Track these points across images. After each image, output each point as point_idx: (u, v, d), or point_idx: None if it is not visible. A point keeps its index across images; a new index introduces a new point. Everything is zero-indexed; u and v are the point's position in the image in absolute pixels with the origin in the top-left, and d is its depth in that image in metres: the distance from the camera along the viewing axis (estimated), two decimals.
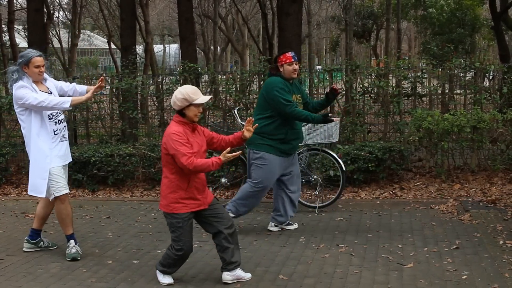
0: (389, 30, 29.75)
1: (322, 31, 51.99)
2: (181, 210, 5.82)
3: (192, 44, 15.22)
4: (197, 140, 5.89)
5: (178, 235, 5.84)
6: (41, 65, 6.87)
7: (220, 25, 35.23)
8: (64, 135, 7.04)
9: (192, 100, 5.76)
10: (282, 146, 7.45)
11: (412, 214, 8.31)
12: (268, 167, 7.45)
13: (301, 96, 7.64)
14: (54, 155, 6.88)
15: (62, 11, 41.46)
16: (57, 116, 6.94)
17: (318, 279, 5.94)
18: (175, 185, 5.81)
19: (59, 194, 6.90)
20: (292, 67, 7.41)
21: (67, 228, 7.03)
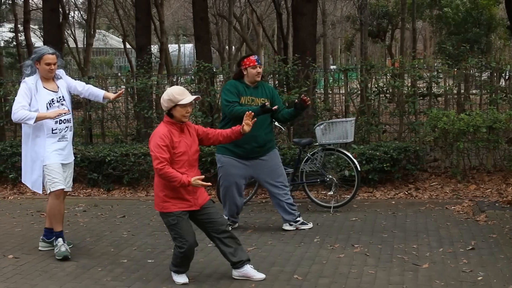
0: (404, 29, 29.65)
1: (337, 30, 51.85)
2: (170, 209, 5.86)
3: (207, 44, 15.23)
4: (186, 140, 5.91)
5: (176, 233, 5.86)
6: (52, 63, 6.91)
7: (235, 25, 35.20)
8: (65, 135, 7.03)
9: (177, 100, 5.79)
10: (235, 149, 7.53)
11: (427, 215, 8.28)
12: (223, 169, 7.71)
13: (269, 100, 7.58)
14: (50, 151, 6.90)
15: (77, 11, 41.64)
16: (60, 116, 6.93)
17: (333, 279, 5.93)
18: (163, 184, 5.85)
19: (54, 189, 6.92)
20: (256, 70, 7.50)
21: (57, 225, 7.05)
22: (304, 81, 10.73)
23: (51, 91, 6.97)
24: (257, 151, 7.59)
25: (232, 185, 7.69)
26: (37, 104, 6.84)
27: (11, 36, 36.05)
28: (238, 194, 7.75)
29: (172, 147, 5.79)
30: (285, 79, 11.03)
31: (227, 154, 7.60)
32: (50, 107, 6.89)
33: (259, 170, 7.69)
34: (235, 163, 7.60)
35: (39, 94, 6.87)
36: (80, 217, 9.00)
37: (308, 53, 12.01)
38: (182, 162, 5.84)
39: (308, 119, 10.64)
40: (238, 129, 6.20)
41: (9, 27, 37.71)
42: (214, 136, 6.22)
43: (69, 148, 7.14)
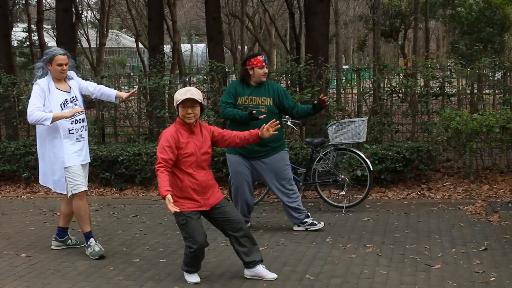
0: (417, 29, 29.58)
1: (349, 30, 51.82)
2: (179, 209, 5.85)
3: (219, 44, 15.26)
4: (195, 141, 5.92)
5: (186, 232, 5.87)
6: (63, 64, 6.94)
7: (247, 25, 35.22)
8: (81, 135, 7.06)
9: (177, 100, 5.83)
10: (239, 149, 7.53)
11: (440, 215, 8.25)
12: (232, 168, 7.73)
13: (271, 99, 7.55)
14: (70, 153, 6.93)
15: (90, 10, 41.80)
16: (75, 116, 6.95)
17: (345, 279, 5.93)
18: (172, 183, 5.87)
19: (77, 192, 6.95)
20: (263, 71, 7.49)
21: (86, 225, 7.09)
22: (317, 81, 10.71)
23: (64, 92, 6.99)
24: (258, 151, 7.53)
25: (241, 184, 7.68)
26: (51, 105, 6.86)
27: (24, 36, 36.30)
28: (248, 192, 7.75)
29: (178, 147, 5.82)
30: (297, 78, 11.02)
31: (234, 153, 7.62)
32: (64, 108, 6.91)
33: (263, 172, 7.67)
34: (242, 162, 7.60)
35: (52, 95, 6.90)
36: (93, 216, 9.00)
37: (320, 52, 12.01)
38: (190, 163, 5.86)
39: (321, 119, 10.62)
40: (257, 132, 6.19)
41: (22, 27, 37.95)
42: (230, 138, 6.20)
43: (86, 149, 7.17)
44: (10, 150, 11.21)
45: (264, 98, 7.53)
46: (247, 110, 7.38)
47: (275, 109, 7.54)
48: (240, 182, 7.68)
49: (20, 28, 38.28)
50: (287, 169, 7.75)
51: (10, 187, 11.45)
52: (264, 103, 7.49)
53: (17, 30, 36.23)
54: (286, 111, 7.69)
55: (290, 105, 7.64)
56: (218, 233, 7.62)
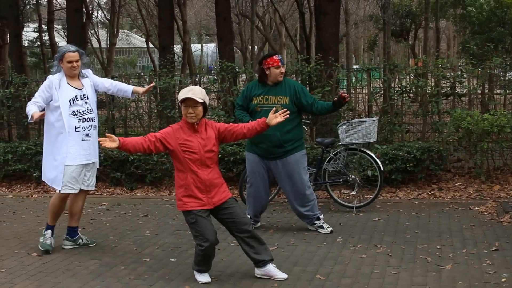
0: (427, 29, 29.47)
1: (359, 30, 51.66)
2: (183, 208, 5.91)
3: (229, 44, 15.25)
4: (199, 139, 5.93)
5: (196, 231, 5.88)
6: (73, 61, 6.99)
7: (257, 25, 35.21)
8: (88, 134, 7.07)
9: (179, 99, 5.87)
10: (255, 148, 7.56)
11: (450, 215, 8.23)
12: (249, 166, 7.74)
13: (288, 98, 7.46)
14: (73, 152, 6.98)
15: (100, 10, 41.87)
16: (84, 114, 7.00)
17: (355, 280, 5.92)
18: (177, 182, 5.96)
19: (63, 192, 7.07)
20: (279, 70, 7.43)
21: (52, 219, 7.28)
22: (327, 80, 10.71)
23: (75, 88, 7.03)
24: (273, 151, 7.47)
25: (256, 183, 7.68)
26: (59, 100, 6.91)
27: (35, 36, 36.42)
28: (264, 192, 7.74)
29: (180, 144, 5.87)
30: (308, 78, 11.01)
31: (251, 151, 7.63)
32: (73, 103, 6.94)
33: (278, 173, 7.61)
34: (259, 162, 7.59)
35: (61, 90, 6.95)
36: (103, 215, 9.05)
37: (331, 52, 11.99)
38: (193, 160, 5.87)
39: (331, 118, 10.61)
40: (264, 120, 6.17)
41: (33, 27, 38.05)
42: (237, 130, 6.16)
43: (93, 148, 7.17)
44: (21, 149, 11.26)
45: (280, 97, 7.46)
46: (262, 110, 7.38)
47: (292, 107, 7.37)
48: (256, 181, 7.68)
49: (31, 28, 38.39)
50: (300, 172, 7.60)
51: (21, 186, 11.50)
52: (280, 102, 7.41)
53: (28, 30, 36.34)
54: (305, 108, 7.55)
55: (309, 102, 7.51)
56: (229, 233, 7.63)
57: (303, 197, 7.63)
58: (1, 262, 6.85)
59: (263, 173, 7.64)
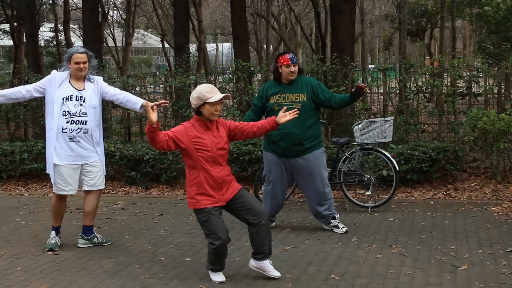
0: (443, 28, 29.41)
1: (375, 29, 51.63)
2: (196, 206, 5.91)
3: (245, 43, 15.28)
4: (211, 137, 5.94)
5: (208, 229, 5.88)
6: (81, 62, 7.03)
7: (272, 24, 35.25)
8: (76, 137, 7.03)
9: (206, 98, 5.82)
10: (273, 146, 7.54)
11: (466, 216, 8.19)
12: (266, 165, 7.72)
13: (305, 95, 7.44)
14: (60, 151, 7.04)
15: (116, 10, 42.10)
16: (74, 116, 7.00)
17: (370, 280, 5.90)
18: (189, 180, 5.95)
19: (58, 193, 7.18)
20: (289, 69, 7.38)
21: (55, 221, 7.39)
22: (342, 80, 10.69)
23: (74, 88, 7.06)
24: (292, 149, 7.44)
25: (274, 182, 7.66)
26: (55, 96, 6.97)
27: (51, 36, 36.63)
28: (281, 191, 7.72)
29: (193, 142, 5.85)
30: (323, 78, 10.99)
31: (269, 150, 7.61)
32: (66, 101, 6.98)
33: (296, 171, 7.59)
34: (277, 160, 7.56)
35: (61, 87, 7.01)
36: (119, 214, 9.08)
37: (346, 52, 11.97)
38: (206, 158, 5.87)
39: (346, 118, 10.59)
40: (273, 118, 6.17)
41: (49, 26, 38.30)
42: (248, 129, 6.17)
43: (86, 149, 7.13)
44: (37, 148, 11.31)
45: (298, 94, 7.44)
46: (279, 108, 7.36)
47: (310, 104, 7.39)
48: (274, 180, 7.66)
49: (47, 27, 38.62)
50: (322, 170, 7.59)
51: (37, 185, 11.56)
52: (297, 100, 7.39)
53: (44, 30, 36.54)
54: (324, 103, 7.52)
55: (327, 96, 7.48)
56: (243, 232, 7.63)
57: (322, 196, 7.62)
58: (17, 261, 6.89)
59: (281, 172, 7.61)
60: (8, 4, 28.59)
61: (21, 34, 28.24)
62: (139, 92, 12.10)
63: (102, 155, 7.35)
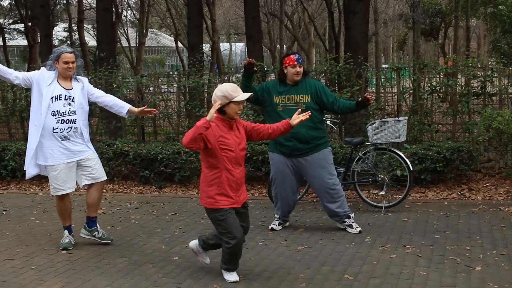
0: (457, 28, 29.27)
1: (389, 29, 51.52)
2: (214, 206, 5.90)
3: (258, 43, 15.28)
4: (234, 137, 5.95)
5: (224, 228, 5.88)
6: (69, 61, 7.08)
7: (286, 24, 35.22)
8: (67, 136, 7.08)
9: (232, 97, 5.82)
10: (280, 147, 7.56)
11: (480, 216, 8.16)
12: (274, 166, 7.75)
13: (309, 96, 7.49)
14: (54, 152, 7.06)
15: (130, 10, 42.18)
16: (63, 115, 7.04)
17: (384, 280, 5.89)
18: (209, 180, 5.92)
19: (57, 194, 7.20)
20: (295, 70, 7.42)
21: (64, 220, 7.41)
22: (356, 80, 10.67)
23: (63, 88, 7.11)
24: (300, 148, 7.47)
25: (283, 182, 7.67)
26: (43, 95, 6.99)
27: (65, 36, 36.74)
28: (291, 192, 7.71)
29: (218, 141, 5.83)
30: (336, 78, 10.98)
31: (276, 151, 7.62)
32: (55, 101, 7.01)
33: (305, 170, 7.60)
34: (284, 161, 7.58)
35: (50, 86, 7.04)
36: (132, 214, 9.10)
37: (360, 51, 11.95)
38: (229, 158, 5.87)
39: (360, 118, 10.58)
40: (288, 121, 6.22)
41: (63, 26, 38.44)
42: (264, 130, 6.24)
43: (77, 145, 7.17)
44: None
45: (302, 95, 7.49)
46: (284, 109, 7.40)
47: (314, 105, 7.44)
48: (282, 180, 7.67)
49: (61, 27, 38.77)
50: (328, 168, 7.61)
51: None
52: (302, 101, 7.44)
53: (58, 30, 36.71)
54: (326, 106, 7.56)
55: (330, 100, 7.51)
56: (257, 232, 7.65)
57: (333, 193, 7.60)
58: (31, 259, 6.92)
59: (289, 172, 7.62)
60: (23, 4, 28.72)
61: (35, 34, 28.35)
62: (152, 92, 12.12)
63: (94, 151, 7.43)
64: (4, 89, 13.13)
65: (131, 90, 12.35)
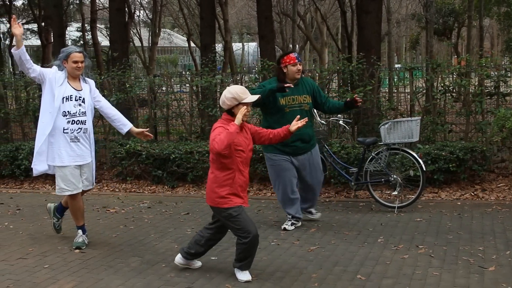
0: (471, 27, 29.13)
1: (401, 29, 51.37)
2: (227, 204, 5.92)
3: (271, 42, 15.28)
4: (244, 138, 5.99)
5: (239, 224, 5.90)
6: (79, 61, 7.10)
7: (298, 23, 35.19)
8: (77, 137, 7.13)
9: (241, 99, 5.89)
10: (284, 148, 7.67)
11: (494, 216, 8.13)
12: (275, 168, 7.87)
13: (310, 96, 7.70)
14: (64, 153, 7.09)
15: (142, 10, 42.25)
16: (74, 116, 7.08)
17: (397, 280, 5.87)
18: (221, 181, 5.93)
19: (62, 194, 7.29)
20: (296, 68, 7.56)
21: (78, 220, 7.43)
22: (369, 79, 10.64)
23: (73, 88, 7.13)
24: (302, 147, 7.73)
25: (288, 183, 7.74)
26: (55, 95, 7.01)
27: (78, 36, 36.87)
28: (292, 191, 7.81)
29: (235, 144, 5.86)
30: (349, 77, 10.96)
31: (276, 152, 7.69)
32: (66, 101, 7.04)
33: (303, 166, 7.81)
34: (288, 160, 7.70)
35: (61, 86, 7.06)
36: (145, 213, 9.12)
37: (372, 51, 11.93)
38: (241, 159, 5.93)
39: (373, 118, 10.55)
40: (288, 127, 6.30)
41: (76, 26, 38.57)
42: (266, 135, 6.32)
43: (84, 150, 7.23)
44: None
45: (305, 96, 7.68)
46: (290, 111, 7.45)
47: (312, 105, 7.78)
48: (289, 179, 7.75)
49: (74, 27, 38.90)
50: (320, 162, 8.08)
51: None
52: (305, 101, 7.65)
53: (71, 30, 36.83)
54: (319, 106, 7.90)
55: (322, 100, 7.85)
56: (269, 232, 7.65)
57: (320, 184, 8.15)
58: (44, 258, 6.95)
59: (291, 173, 7.77)
60: (36, 4, 28.83)
61: (48, 34, 28.43)
62: (165, 91, 12.14)
63: (94, 156, 7.49)
64: (17, 89, 13.18)
65: (143, 89, 12.37)
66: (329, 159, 9.02)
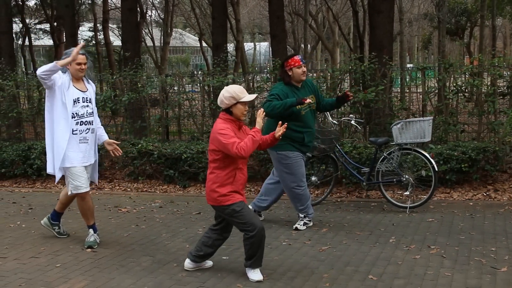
0: (483, 27, 29.02)
1: (414, 28, 51.19)
2: (231, 201, 5.97)
3: (282, 42, 15.26)
4: (243, 137, 6.01)
5: (243, 218, 5.95)
6: (82, 63, 7.15)
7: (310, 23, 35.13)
8: (86, 137, 7.20)
9: (239, 98, 5.94)
10: (301, 147, 7.76)
11: (506, 217, 8.09)
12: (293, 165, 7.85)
13: (314, 95, 7.84)
14: (72, 154, 7.12)
15: (154, 10, 42.31)
16: (82, 117, 7.14)
17: (408, 281, 5.86)
18: (222, 180, 5.99)
19: (77, 192, 7.26)
20: (301, 70, 7.59)
21: (88, 220, 7.47)
22: (381, 79, 10.62)
23: (79, 90, 7.18)
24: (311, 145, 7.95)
25: (303, 179, 7.79)
26: (66, 99, 7.04)
27: (90, 35, 36.99)
28: (305, 187, 7.88)
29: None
30: (361, 77, 10.95)
31: (294, 150, 7.68)
32: (75, 104, 7.09)
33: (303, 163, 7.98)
34: (302, 158, 7.77)
35: (69, 90, 7.09)
36: (156, 213, 9.13)
37: (385, 51, 11.89)
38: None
39: (385, 118, 10.53)
40: (273, 133, 6.23)
41: (88, 26, 38.72)
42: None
43: (90, 150, 7.31)
44: None
45: (312, 96, 7.78)
46: (305, 113, 7.55)
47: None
48: (303, 175, 7.83)
49: (86, 27, 39.06)
50: None
51: None
52: (313, 101, 7.74)
53: (83, 30, 36.95)
54: (317, 105, 7.97)
55: (320, 100, 8.01)
56: (281, 232, 7.65)
57: None
58: (56, 257, 6.97)
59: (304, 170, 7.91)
60: (48, 4, 28.94)
61: (61, 33, 28.55)
62: (177, 91, 12.15)
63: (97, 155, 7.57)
64: (30, 88, 13.23)
65: (155, 89, 12.39)
66: (340, 159, 9.02)
